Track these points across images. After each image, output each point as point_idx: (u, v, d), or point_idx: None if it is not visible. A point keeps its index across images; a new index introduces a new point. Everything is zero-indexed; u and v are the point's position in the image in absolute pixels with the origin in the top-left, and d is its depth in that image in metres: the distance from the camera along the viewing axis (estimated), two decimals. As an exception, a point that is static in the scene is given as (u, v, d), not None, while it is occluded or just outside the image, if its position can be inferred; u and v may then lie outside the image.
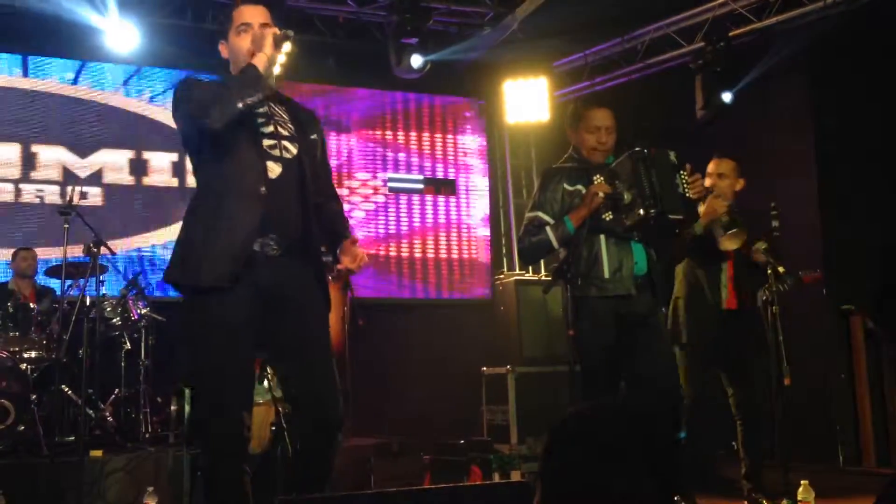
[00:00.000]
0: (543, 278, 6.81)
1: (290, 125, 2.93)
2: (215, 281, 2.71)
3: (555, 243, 3.81)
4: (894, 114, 6.14)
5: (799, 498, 3.84)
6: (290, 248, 2.84)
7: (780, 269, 4.12)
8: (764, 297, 4.40)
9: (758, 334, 4.55)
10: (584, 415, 1.40)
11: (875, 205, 6.37)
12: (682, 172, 3.77)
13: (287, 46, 2.92)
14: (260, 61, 2.80)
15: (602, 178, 3.77)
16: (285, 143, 2.87)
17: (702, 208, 4.19)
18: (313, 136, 3.00)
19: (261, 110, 2.88)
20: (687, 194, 3.74)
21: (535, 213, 3.91)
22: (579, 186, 3.83)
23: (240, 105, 2.72)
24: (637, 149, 3.76)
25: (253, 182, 2.77)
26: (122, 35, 6.49)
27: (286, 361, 2.91)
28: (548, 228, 3.84)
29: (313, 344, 2.85)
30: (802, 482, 3.87)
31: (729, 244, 4.34)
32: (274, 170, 2.82)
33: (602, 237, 3.78)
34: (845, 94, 6.28)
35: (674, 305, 4.60)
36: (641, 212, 3.67)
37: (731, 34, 6.62)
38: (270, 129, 2.87)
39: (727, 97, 6.76)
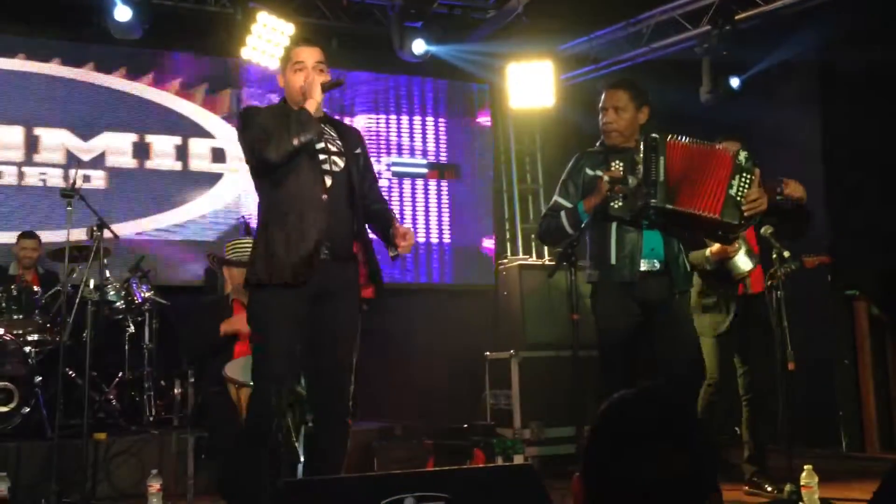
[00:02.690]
0: (547, 263, 6.80)
1: (337, 142, 3.36)
2: (293, 279, 3.14)
3: (568, 229, 3.80)
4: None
5: (802, 483, 3.84)
6: (338, 253, 3.24)
7: (786, 254, 4.11)
8: (769, 282, 4.39)
9: (765, 317, 4.57)
10: (626, 400, 1.40)
11: (881, 190, 6.34)
12: (745, 175, 3.58)
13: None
14: (311, 106, 3.21)
15: (619, 164, 3.74)
16: (334, 157, 3.30)
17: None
18: (357, 151, 3.41)
19: None
20: (739, 199, 3.57)
21: (556, 197, 3.93)
22: (598, 172, 3.80)
23: (295, 142, 3.15)
24: (652, 135, 3.72)
25: (315, 193, 3.21)
26: (124, 17, 6.43)
27: (311, 352, 3.25)
28: (563, 213, 3.84)
29: (339, 354, 3.25)
30: (806, 467, 3.87)
31: (744, 269, 4.40)
32: (328, 182, 3.25)
33: (613, 224, 3.75)
34: (853, 80, 6.24)
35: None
36: (641, 200, 3.64)
37: (737, 17, 6.57)
38: (321, 145, 3.29)
39: (735, 82, 6.71)
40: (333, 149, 3.32)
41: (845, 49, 6.04)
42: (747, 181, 3.60)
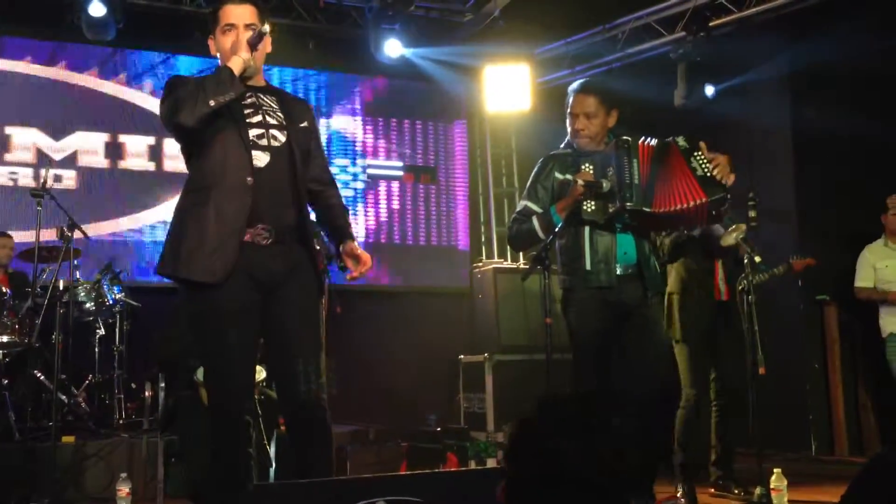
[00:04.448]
0: (522, 266, 6.81)
1: (278, 114, 2.97)
2: (207, 276, 2.78)
3: (540, 233, 3.78)
4: (871, 104, 6.19)
5: (772, 486, 3.88)
6: (282, 237, 2.88)
7: (757, 259, 4.14)
8: (740, 287, 4.44)
9: (737, 323, 4.62)
10: (547, 402, 1.43)
11: (851, 194, 6.42)
12: (697, 154, 3.59)
13: (266, 39, 2.97)
14: (236, 64, 2.86)
15: (590, 167, 3.74)
16: (273, 131, 2.92)
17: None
18: (304, 124, 3.03)
19: (248, 101, 2.93)
20: (708, 174, 3.55)
21: (525, 202, 3.90)
22: (568, 175, 3.80)
23: (212, 103, 2.77)
24: (623, 138, 3.73)
25: (239, 173, 2.82)
26: (98, 12, 6.35)
27: (273, 350, 2.94)
28: (535, 218, 3.82)
29: (300, 336, 2.89)
30: (775, 470, 3.91)
31: (730, 239, 4.37)
32: (261, 159, 2.87)
33: (586, 228, 3.75)
34: (823, 84, 6.32)
35: (668, 301, 4.61)
36: (618, 204, 3.65)
37: (711, 24, 6.64)
38: (258, 118, 2.92)
39: (710, 90, 6.77)
40: (273, 121, 2.93)
41: (815, 54, 6.12)
42: (701, 157, 3.60)
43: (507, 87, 7.53)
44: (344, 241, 3.04)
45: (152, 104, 7.14)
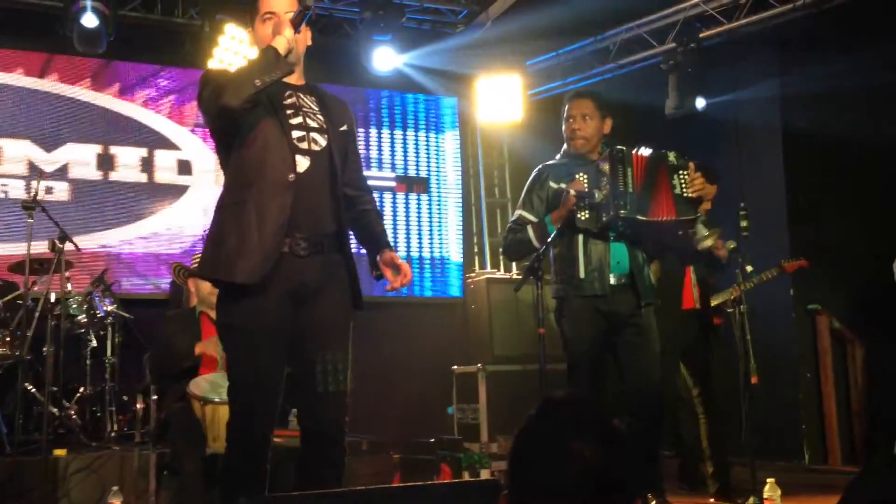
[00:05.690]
0: (515, 277, 6.81)
1: (319, 116, 2.88)
2: (247, 277, 2.67)
3: (535, 243, 3.81)
4: (861, 116, 6.22)
5: (765, 496, 3.87)
6: (320, 246, 2.79)
7: (749, 268, 4.16)
8: (732, 297, 4.45)
9: (716, 332, 4.63)
10: (550, 405, 1.46)
11: (842, 204, 6.45)
12: (682, 172, 3.73)
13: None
14: (280, 44, 2.75)
15: (584, 177, 3.77)
16: (314, 135, 2.83)
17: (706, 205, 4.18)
18: (343, 128, 2.95)
19: (288, 101, 2.85)
20: (685, 194, 3.71)
21: (519, 211, 3.93)
22: (563, 185, 3.83)
23: (257, 83, 2.66)
24: (618, 147, 3.77)
25: (280, 173, 2.72)
26: (91, 23, 6.34)
27: (297, 363, 2.83)
28: (529, 228, 3.85)
29: (326, 354, 2.81)
30: (768, 480, 3.91)
31: (708, 242, 4.39)
32: (301, 164, 2.76)
33: (580, 237, 3.78)
34: (814, 96, 6.35)
35: None
36: (612, 212, 3.68)
37: (701, 35, 6.67)
38: (299, 120, 2.82)
39: (700, 103, 6.80)
40: (314, 124, 2.84)
41: (807, 67, 6.16)
42: (684, 177, 3.73)
43: (499, 97, 7.56)
44: (381, 249, 2.97)
45: (144, 116, 7.13)
